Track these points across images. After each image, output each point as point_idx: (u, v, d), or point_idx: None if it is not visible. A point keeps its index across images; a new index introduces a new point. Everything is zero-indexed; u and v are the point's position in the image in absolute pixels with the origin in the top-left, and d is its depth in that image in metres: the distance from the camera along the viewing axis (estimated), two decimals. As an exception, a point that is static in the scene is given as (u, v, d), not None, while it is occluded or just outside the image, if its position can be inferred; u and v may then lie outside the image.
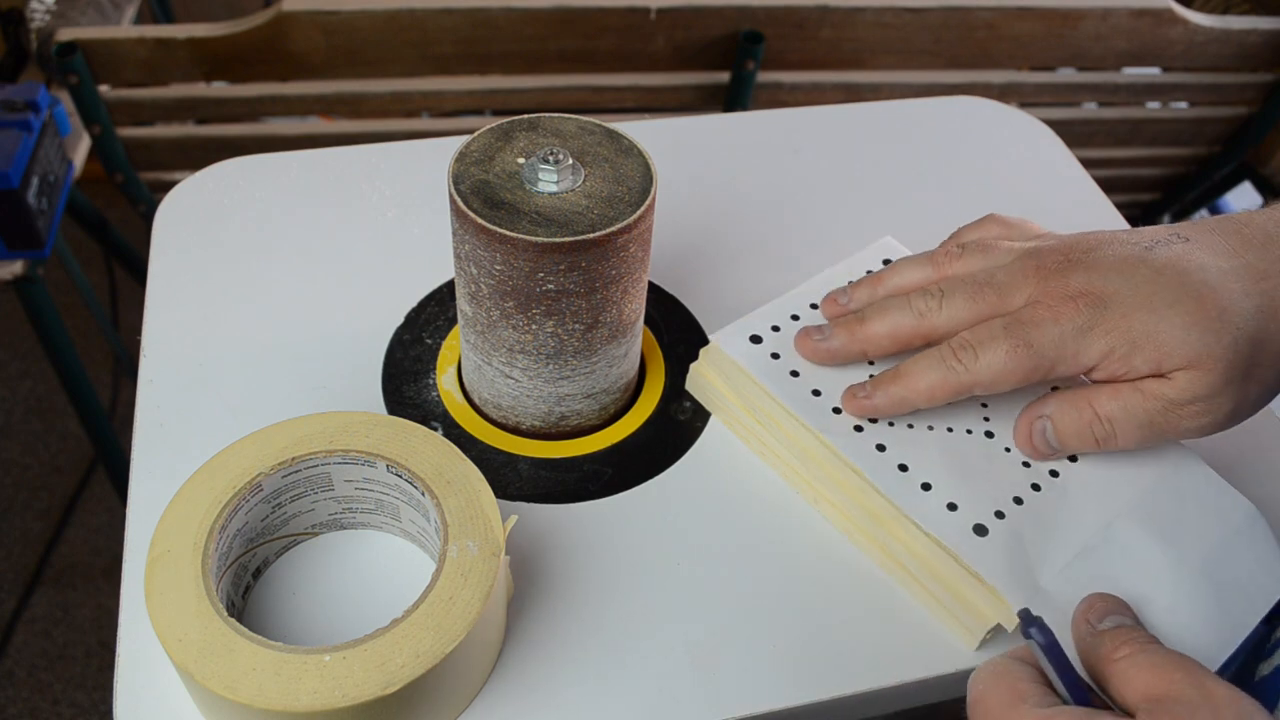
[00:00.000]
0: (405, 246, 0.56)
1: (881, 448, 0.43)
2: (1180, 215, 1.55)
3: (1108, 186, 0.65)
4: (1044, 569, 0.40)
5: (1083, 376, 0.42)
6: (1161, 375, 0.40)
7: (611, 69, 1.05)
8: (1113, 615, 0.37)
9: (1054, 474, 0.43)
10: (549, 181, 0.41)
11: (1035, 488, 0.42)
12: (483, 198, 0.40)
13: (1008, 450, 0.44)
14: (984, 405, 0.45)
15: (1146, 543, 0.41)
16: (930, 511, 0.41)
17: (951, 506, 0.41)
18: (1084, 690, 0.33)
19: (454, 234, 0.42)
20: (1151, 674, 0.33)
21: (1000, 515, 0.41)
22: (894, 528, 0.42)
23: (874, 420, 0.44)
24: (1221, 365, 0.39)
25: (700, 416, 0.49)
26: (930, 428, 0.44)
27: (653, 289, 0.55)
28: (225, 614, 0.35)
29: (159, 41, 0.94)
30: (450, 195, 0.40)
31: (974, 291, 0.43)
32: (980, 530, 0.41)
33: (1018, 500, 0.42)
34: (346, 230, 0.57)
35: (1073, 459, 0.44)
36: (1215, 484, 0.44)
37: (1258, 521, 0.43)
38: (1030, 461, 0.43)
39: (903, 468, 0.43)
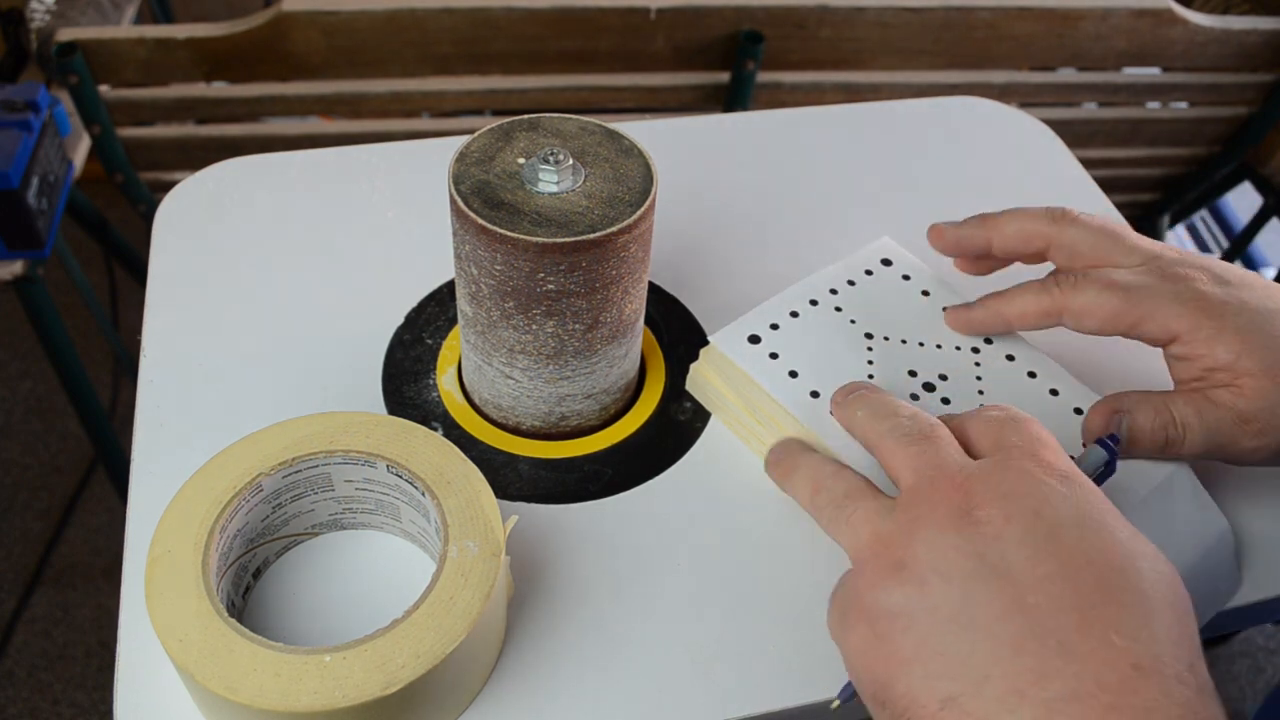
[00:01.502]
0: (405, 246, 0.56)
1: None
2: (1180, 215, 1.55)
3: (1108, 186, 0.65)
4: None
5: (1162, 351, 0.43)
6: (1231, 385, 0.40)
7: (611, 69, 1.05)
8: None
9: None
10: (549, 182, 0.41)
11: None
12: (483, 198, 0.40)
13: None
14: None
15: None
16: None
17: None
18: None
19: (454, 234, 0.42)
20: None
21: None
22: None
23: None
24: None
25: (700, 416, 0.49)
26: None
27: (653, 289, 0.55)
28: (225, 614, 0.35)
29: (159, 41, 0.94)
30: (450, 195, 0.40)
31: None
32: None
33: None
34: (346, 230, 0.57)
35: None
36: (1201, 498, 0.44)
37: (1226, 539, 0.43)
38: None
39: None
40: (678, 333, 0.53)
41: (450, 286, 0.54)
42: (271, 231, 0.56)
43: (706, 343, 0.49)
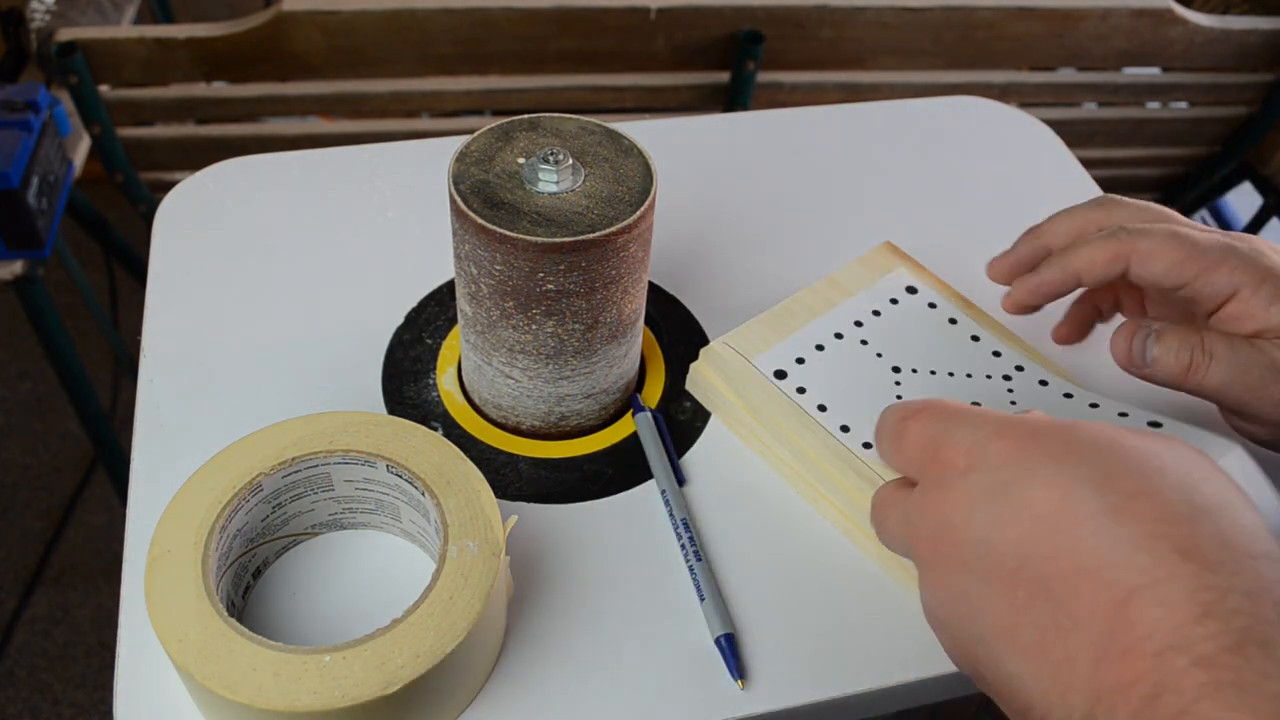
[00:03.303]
0: (405, 246, 0.56)
1: None
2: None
3: (1108, 186, 0.65)
4: None
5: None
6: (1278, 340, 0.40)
7: (611, 69, 1.05)
8: None
9: None
10: (549, 181, 0.41)
11: None
12: (483, 198, 0.40)
13: None
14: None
15: None
16: None
17: None
18: None
19: (454, 234, 0.42)
20: None
21: None
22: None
23: None
24: None
25: (700, 416, 0.49)
26: None
27: (653, 289, 0.55)
28: (225, 614, 0.35)
29: (159, 41, 0.94)
30: (450, 195, 0.40)
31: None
32: None
33: None
34: (346, 230, 0.57)
35: None
36: (1258, 484, 0.41)
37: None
38: None
39: None
40: (678, 333, 0.53)
41: (450, 286, 0.54)
42: (271, 231, 0.56)
43: (706, 343, 0.49)
